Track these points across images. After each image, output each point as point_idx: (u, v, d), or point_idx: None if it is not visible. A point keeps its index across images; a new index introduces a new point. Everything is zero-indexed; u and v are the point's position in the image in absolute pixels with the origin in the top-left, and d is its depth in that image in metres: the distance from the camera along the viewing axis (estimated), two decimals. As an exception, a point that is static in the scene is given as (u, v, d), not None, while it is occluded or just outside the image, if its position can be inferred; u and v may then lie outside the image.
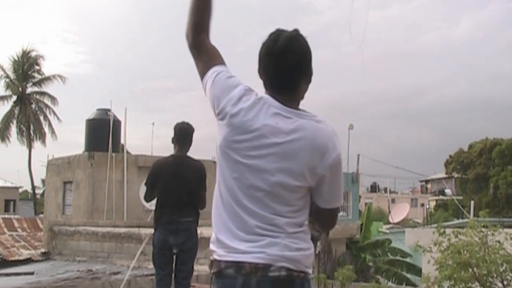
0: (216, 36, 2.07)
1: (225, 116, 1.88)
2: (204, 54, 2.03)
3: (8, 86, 35.76)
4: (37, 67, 36.61)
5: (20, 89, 35.85)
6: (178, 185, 4.94)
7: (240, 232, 1.83)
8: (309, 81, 1.97)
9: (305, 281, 1.84)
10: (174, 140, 5.13)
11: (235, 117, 1.85)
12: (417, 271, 13.34)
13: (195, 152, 5.34)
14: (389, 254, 15.61)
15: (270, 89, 1.93)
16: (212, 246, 1.91)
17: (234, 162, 1.86)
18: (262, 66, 1.93)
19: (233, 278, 1.81)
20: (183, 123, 5.16)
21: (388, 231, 22.08)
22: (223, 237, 1.85)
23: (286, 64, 1.87)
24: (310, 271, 1.88)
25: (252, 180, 1.83)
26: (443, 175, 47.32)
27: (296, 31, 1.92)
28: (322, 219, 1.99)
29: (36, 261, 13.65)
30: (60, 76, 36.29)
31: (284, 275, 1.79)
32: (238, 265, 1.80)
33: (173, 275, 5.05)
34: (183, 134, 5.11)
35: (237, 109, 1.86)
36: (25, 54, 36.02)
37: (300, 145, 1.81)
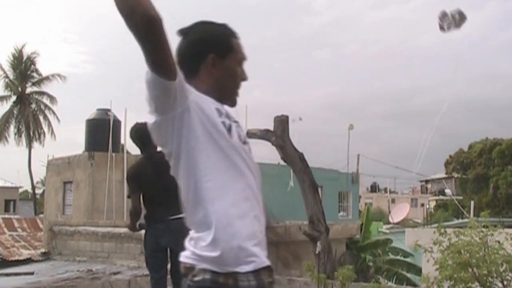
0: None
1: None
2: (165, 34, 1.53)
3: (7, 86, 35.70)
4: (36, 66, 36.58)
5: (19, 89, 35.79)
6: (161, 182, 4.64)
7: None
8: None
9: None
10: (137, 146, 5.03)
11: None
12: (417, 270, 13.36)
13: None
14: (390, 253, 15.64)
15: None
16: None
17: None
18: None
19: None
20: (135, 125, 5.04)
21: (388, 231, 22.08)
22: None
23: None
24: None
25: None
26: (443, 175, 47.31)
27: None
28: None
29: (36, 261, 13.64)
30: (59, 76, 36.22)
31: (209, 279, 1.58)
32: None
33: (168, 276, 4.87)
34: (140, 136, 4.93)
35: None
36: (20, 53, 35.93)
37: None
